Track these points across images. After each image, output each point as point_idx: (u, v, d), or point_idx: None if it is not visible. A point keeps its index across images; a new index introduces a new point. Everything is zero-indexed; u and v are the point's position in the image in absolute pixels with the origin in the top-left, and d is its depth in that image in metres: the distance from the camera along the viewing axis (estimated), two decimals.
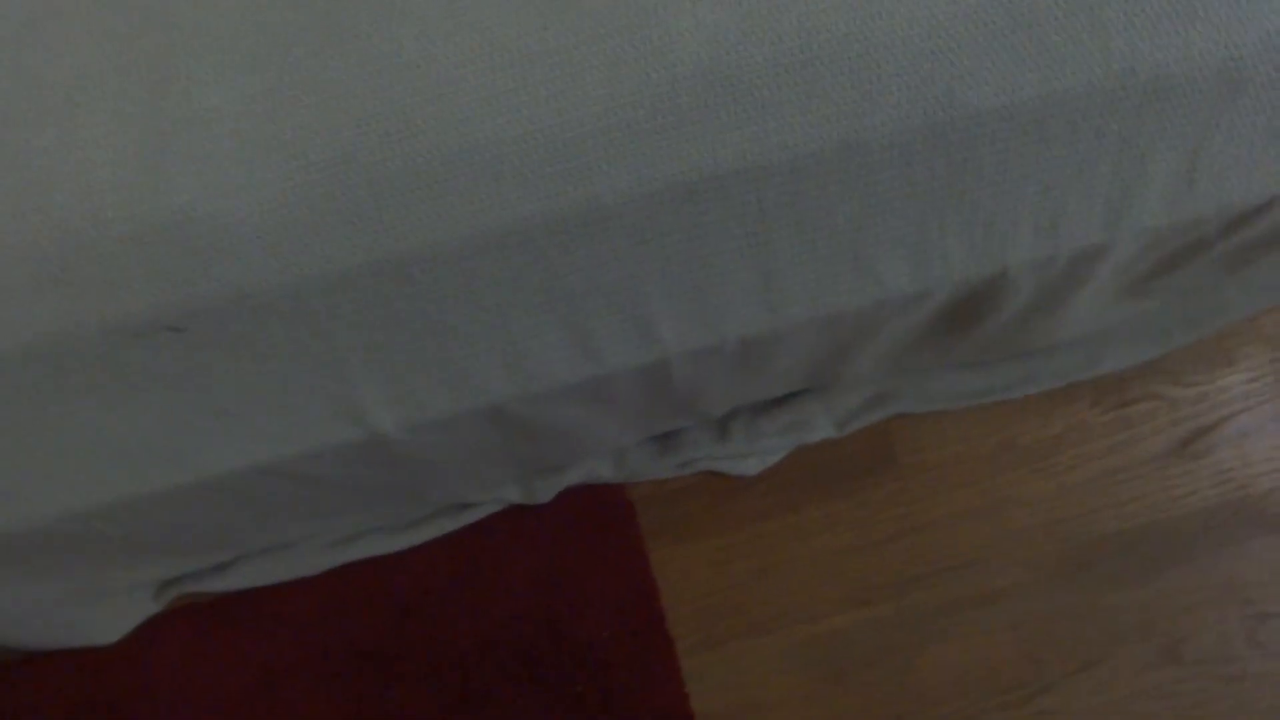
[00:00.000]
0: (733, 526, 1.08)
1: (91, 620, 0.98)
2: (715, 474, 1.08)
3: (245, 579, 1.02)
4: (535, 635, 1.06)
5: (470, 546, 1.07)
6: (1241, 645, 1.05)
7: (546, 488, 1.05)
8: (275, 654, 1.05)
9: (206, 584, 1.02)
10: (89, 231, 0.61)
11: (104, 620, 0.99)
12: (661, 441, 1.07)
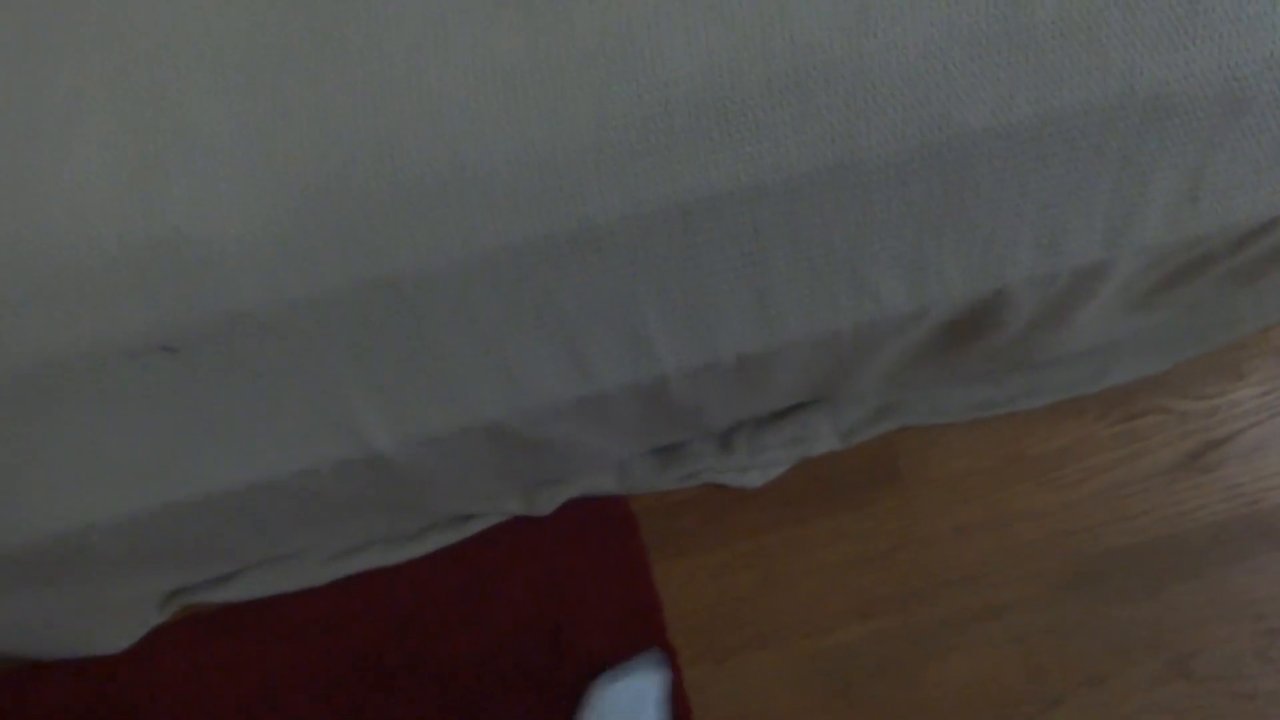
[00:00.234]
0: (735, 539, 1.07)
1: (97, 630, 0.99)
2: (718, 486, 1.08)
3: (248, 590, 1.03)
4: (537, 647, 1.06)
5: (472, 557, 1.07)
6: (1252, 661, 1.04)
7: (548, 499, 1.05)
8: (278, 664, 1.05)
9: (210, 595, 1.03)
10: (82, 252, 0.61)
11: (109, 630, 1.00)
12: (664, 454, 1.07)
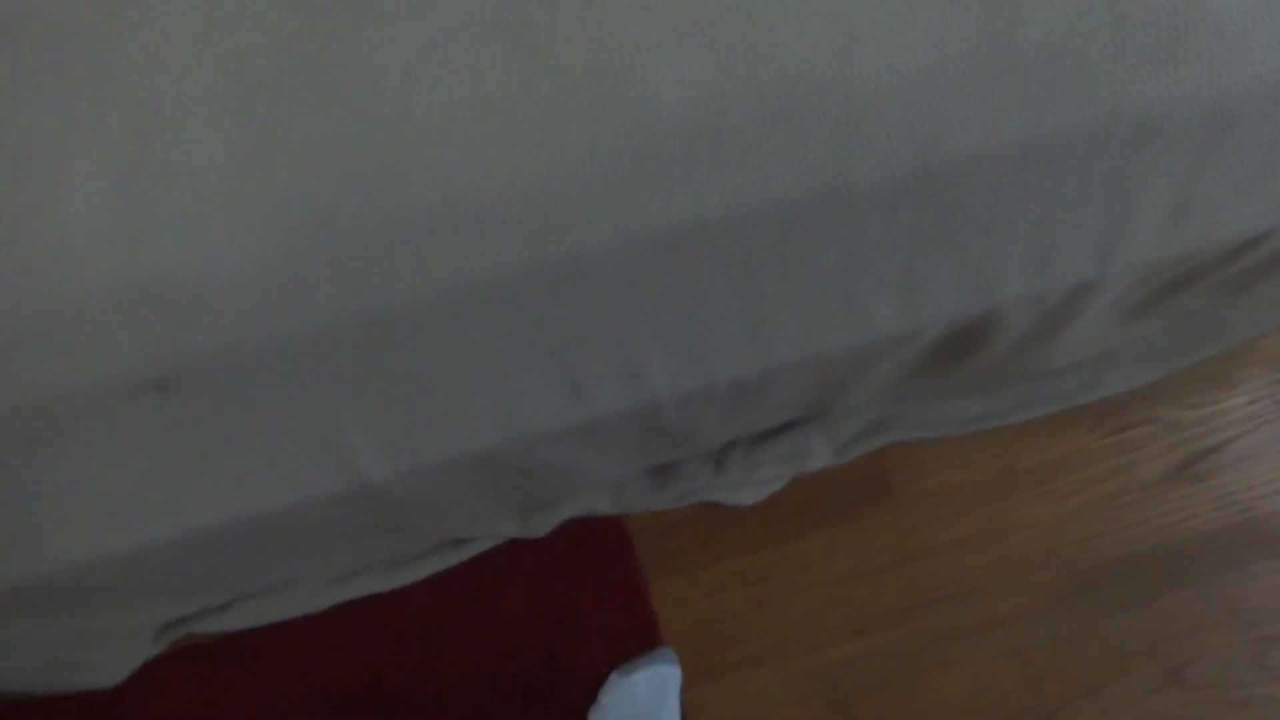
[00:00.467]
0: (731, 556, 1.07)
1: (92, 663, 0.98)
2: (713, 505, 1.08)
3: (245, 619, 1.02)
4: (534, 667, 1.05)
5: (469, 580, 1.07)
6: (1247, 669, 1.04)
7: (544, 521, 1.05)
8: (276, 691, 1.04)
9: (206, 624, 1.02)
10: (71, 292, 0.61)
11: (104, 663, 0.99)
12: (658, 474, 1.06)
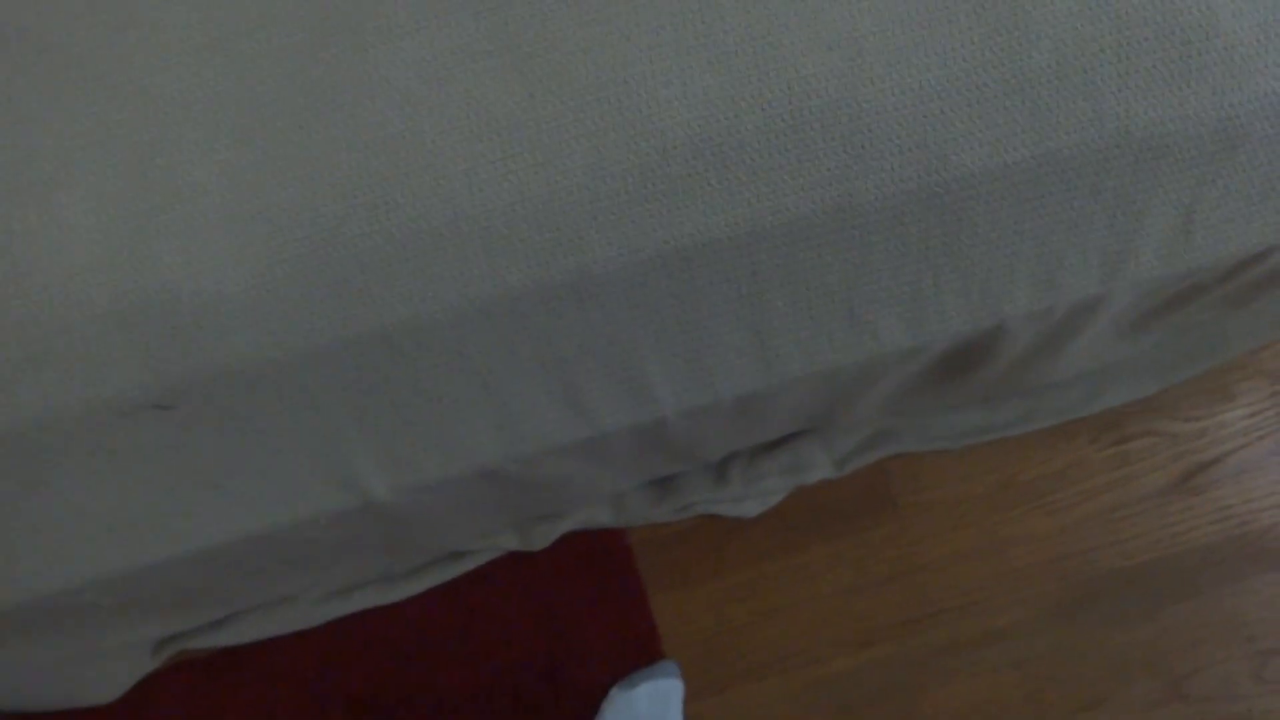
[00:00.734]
0: (732, 569, 1.07)
1: (88, 680, 0.97)
2: (714, 517, 1.07)
3: (242, 634, 1.01)
4: (534, 682, 1.05)
5: (468, 594, 1.06)
6: (1246, 682, 1.04)
7: (544, 534, 1.04)
8: (274, 706, 1.04)
9: (203, 640, 1.01)
10: (72, 312, 0.60)
11: (101, 679, 0.98)
12: (659, 486, 1.06)
